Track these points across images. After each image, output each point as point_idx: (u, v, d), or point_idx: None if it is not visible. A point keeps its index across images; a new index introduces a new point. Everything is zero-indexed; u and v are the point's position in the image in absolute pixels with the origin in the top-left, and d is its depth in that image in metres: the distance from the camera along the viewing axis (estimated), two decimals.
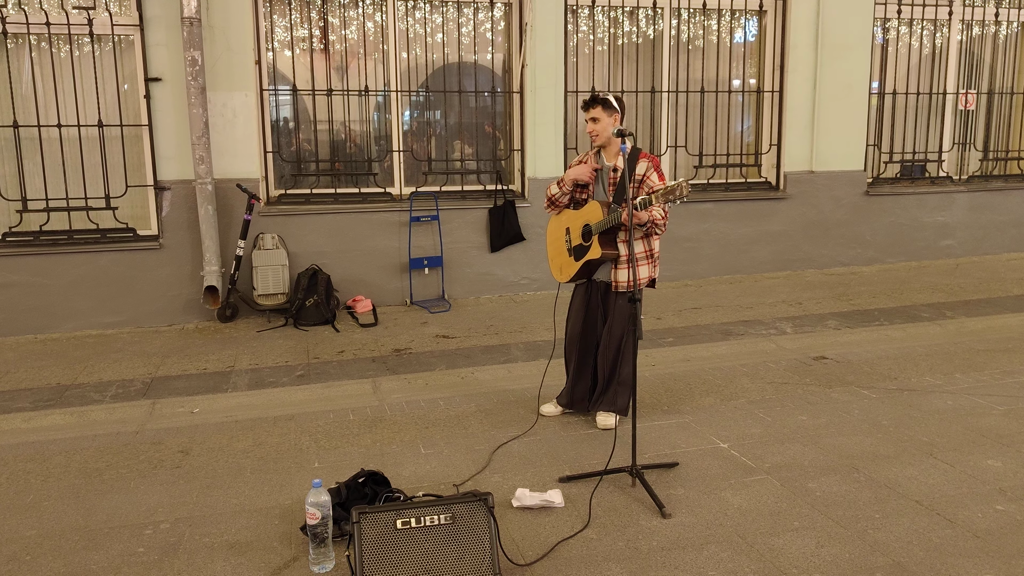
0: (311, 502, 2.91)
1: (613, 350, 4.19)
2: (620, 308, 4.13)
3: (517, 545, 3.09)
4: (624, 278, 4.10)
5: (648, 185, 3.98)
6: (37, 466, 3.91)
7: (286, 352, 5.64)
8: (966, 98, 8.35)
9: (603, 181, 4.13)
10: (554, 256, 4.35)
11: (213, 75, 6.26)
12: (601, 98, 3.99)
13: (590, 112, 4.03)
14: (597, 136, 4.02)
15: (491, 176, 7.20)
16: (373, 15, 6.82)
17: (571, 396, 4.38)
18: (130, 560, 3.04)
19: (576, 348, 4.32)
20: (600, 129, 4.00)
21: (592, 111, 4.01)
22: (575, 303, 4.33)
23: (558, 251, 4.31)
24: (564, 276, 4.27)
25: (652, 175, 4.00)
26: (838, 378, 4.95)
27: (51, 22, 6.02)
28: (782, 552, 3.01)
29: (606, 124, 3.99)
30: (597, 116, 4.00)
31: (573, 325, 4.34)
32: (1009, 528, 3.15)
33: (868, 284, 7.38)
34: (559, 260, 4.30)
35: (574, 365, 4.35)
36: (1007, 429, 4.11)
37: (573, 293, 4.36)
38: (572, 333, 4.34)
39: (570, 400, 4.39)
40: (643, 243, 4.11)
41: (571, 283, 4.32)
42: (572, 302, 4.36)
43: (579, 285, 4.31)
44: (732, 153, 7.77)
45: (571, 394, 4.38)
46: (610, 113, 3.99)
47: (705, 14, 7.53)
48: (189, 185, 6.30)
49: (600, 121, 3.99)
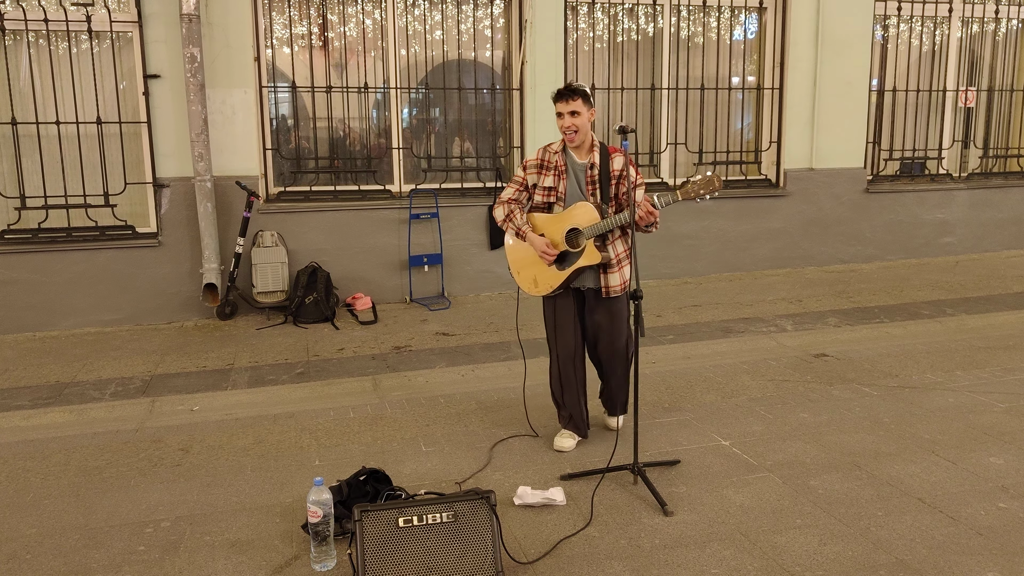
0: (312, 500, 2.90)
1: (622, 358, 3.92)
2: (617, 313, 3.83)
3: (519, 543, 3.08)
4: (617, 282, 3.76)
5: (628, 181, 3.59)
6: (37, 464, 3.90)
7: (286, 350, 5.63)
8: (966, 95, 8.35)
9: (578, 180, 3.74)
10: (523, 267, 3.86)
11: (212, 72, 6.24)
12: (580, 89, 3.61)
13: (569, 104, 3.60)
14: (576, 132, 3.63)
15: (491, 173, 7.18)
16: (372, 12, 6.80)
17: (584, 419, 4.00)
18: (131, 559, 3.03)
19: (574, 366, 3.91)
20: (580, 124, 3.62)
21: (572, 103, 3.60)
22: (564, 317, 3.86)
23: (529, 261, 3.84)
24: (542, 288, 3.82)
25: (630, 170, 3.63)
26: (839, 375, 4.95)
27: (49, 18, 6.00)
28: (785, 550, 3.01)
29: (586, 118, 3.63)
30: (577, 109, 3.60)
31: (566, 341, 3.88)
32: (1012, 525, 3.14)
33: (868, 281, 7.38)
34: (532, 271, 3.83)
35: (576, 385, 3.94)
36: (1008, 426, 4.10)
37: (554, 307, 3.89)
38: (568, 351, 3.89)
39: (585, 424, 4.01)
40: (623, 242, 3.80)
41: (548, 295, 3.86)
42: (557, 316, 3.88)
43: (560, 297, 3.85)
44: (732, 150, 7.76)
45: (583, 417, 3.99)
46: (588, 107, 3.63)
47: (705, 11, 7.51)
48: (188, 182, 6.29)
49: (580, 115, 3.61)
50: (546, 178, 3.78)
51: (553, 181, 3.76)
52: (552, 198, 3.78)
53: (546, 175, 3.78)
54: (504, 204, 3.86)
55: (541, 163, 3.81)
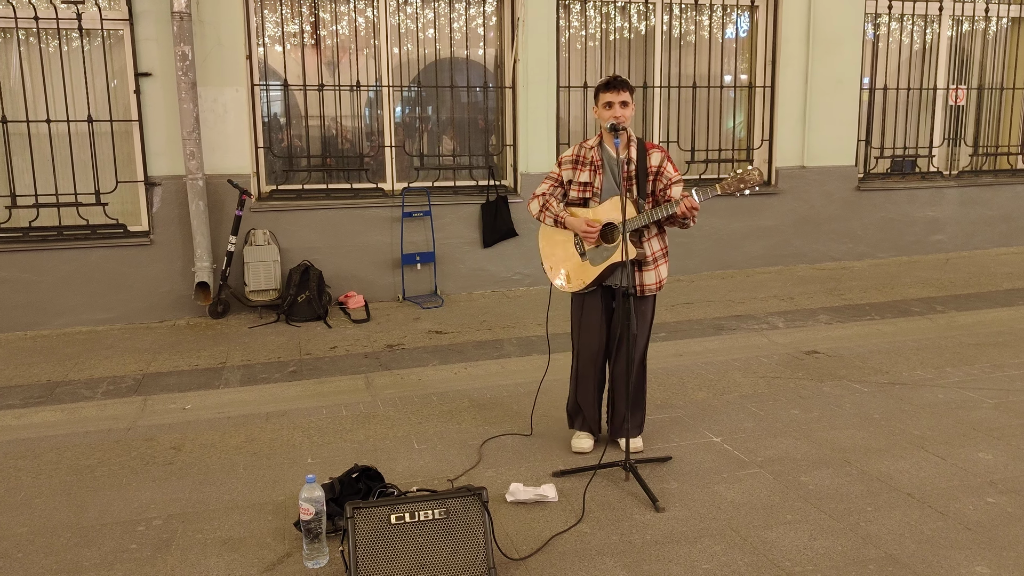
0: (304, 497, 2.90)
1: (639, 364, 3.83)
2: (643, 314, 3.76)
3: (511, 539, 3.09)
4: (652, 280, 3.70)
5: (666, 177, 3.64)
6: (28, 463, 3.89)
7: (278, 348, 5.62)
8: (956, 93, 8.39)
9: (614, 175, 3.66)
10: (557, 263, 3.78)
11: (204, 70, 6.23)
12: (629, 82, 3.59)
13: (620, 94, 3.55)
14: (624, 121, 3.57)
15: (483, 171, 7.19)
16: (364, 10, 6.80)
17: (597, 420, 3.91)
18: (122, 557, 3.03)
19: (596, 366, 3.83)
20: (628, 116, 3.58)
21: (623, 93, 3.55)
22: (590, 315, 3.77)
23: (563, 256, 3.76)
24: (575, 284, 3.72)
25: (667, 166, 3.66)
26: (830, 372, 4.97)
27: (39, 16, 5.97)
28: (775, 545, 3.02)
29: (631, 110, 3.60)
30: (628, 100, 3.56)
31: (590, 340, 3.79)
32: (1000, 520, 3.16)
33: (859, 279, 7.41)
34: (566, 266, 3.75)
35: (594, 384, 3.85)
36: (997, 422, 4.13)
37: (582, 304, 3.80)
38: (591, 350, 3.80)
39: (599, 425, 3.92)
40: (660, 240, 3.73)
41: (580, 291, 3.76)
42: (584, 314, 3.79)
43: (589, 294, 3.76)
44: (724, 148, 7.79)
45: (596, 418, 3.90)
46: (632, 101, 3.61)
47: (697, 9, 7.53)
48: (180, 181, 6.27)
49: (629, 106, 3.57)
50: (581, 173, 3.70)
51: (589, 176, 3.68)
52: (588, 193, 3.70)
53: (581, 170, 3.71)
54: (538, 198, 3.77)
55: (576, 158, 3.73)
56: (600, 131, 3.73)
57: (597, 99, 3.64)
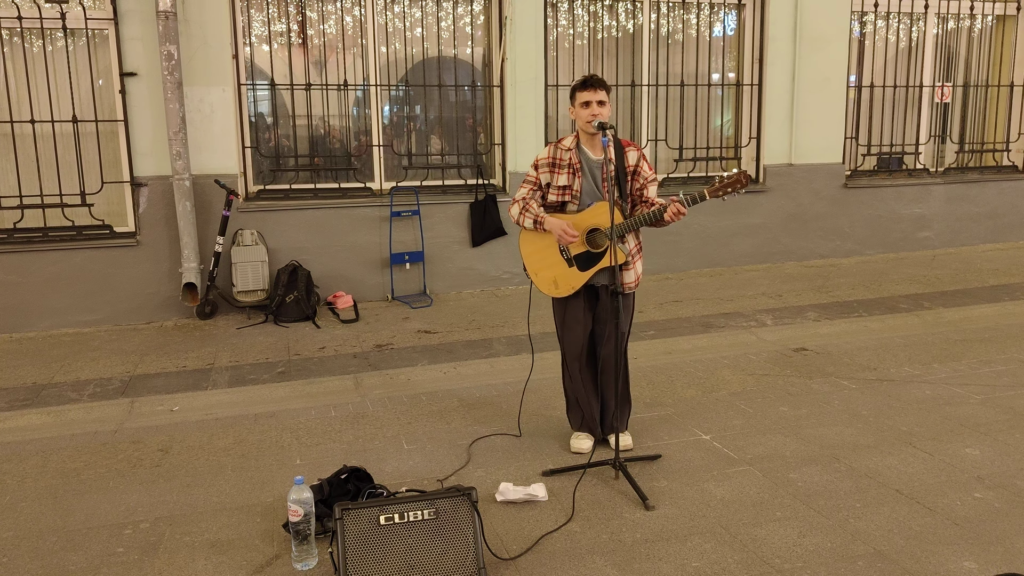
0: (293, 499, 2.89)
1: (623, 358, 3.83)
2: (626, 309, 3.75)
3: (501, 539, 3.09)
4: (632, 278, 3.69)
5: (643, 176, 3.61)
6: (13, 467, 3.85)
7: (266, 349, 5.60)
8: (942, 91, 8.43)
9: (594, 177, 3.61)
10: (542, 268, 3.73)
11: (190, 70, 6.19)
12: (605, 81, 3.56)
13: (597, 93, 3.50)
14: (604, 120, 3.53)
15: (472, 170, 7.18)
16: (352, 9, 6.77)
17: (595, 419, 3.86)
18: (109, 560, 3.01)
19: (581, 364, 3.81)
20: (606, 115, 3.51)
21: (599, 92, 3.50)
22: (574, 315, 3.74)
23: (549, 262, 3.71)
24: (563, 289, 3.69)
25: (643, 165, 3.63)
26: (818, 369, 4.99)
27: (23, 15, 5.92)
28: (765, 542, 3.03)
29: (608, 109, 3.54)
30: (605, 99, 3.51)
31: (574, 339, 3.77)
32: (987, 515, 3.18)
33: (847, 276, 7.44)
34: (552, 272, 3.70)
35: (586, 383, 3.83)
36: (984, 418, 4.16)
37: (564, 304, 3.77)
38: (577, 348, 3.78)
39: (597, 424, 3.88)
40: (635, 237, 3.72)
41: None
42: (567, 313, 3.76)
43: (573, 295, 3.74)
44: (712, 146, 7.80)
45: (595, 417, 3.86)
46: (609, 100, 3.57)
47: (684, 8, 7.54)
48: (166, 181, 6.23)
49: (606, 105, 3.51)
50: (559, 176, 3.61)
51: (568, 179, 3.60)
52: (567, 197, 3.62)
53: (559, 173, 3.62)
54: (518, 202, 3.70)
55: (553, 161, 3.64)
56: (576, 131, 3.68)
57: (573, 99, 3.59)
